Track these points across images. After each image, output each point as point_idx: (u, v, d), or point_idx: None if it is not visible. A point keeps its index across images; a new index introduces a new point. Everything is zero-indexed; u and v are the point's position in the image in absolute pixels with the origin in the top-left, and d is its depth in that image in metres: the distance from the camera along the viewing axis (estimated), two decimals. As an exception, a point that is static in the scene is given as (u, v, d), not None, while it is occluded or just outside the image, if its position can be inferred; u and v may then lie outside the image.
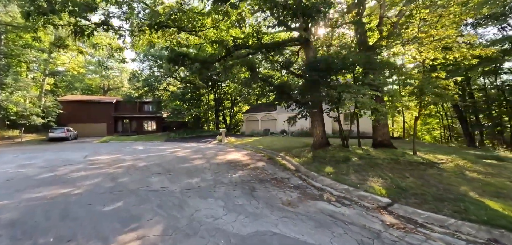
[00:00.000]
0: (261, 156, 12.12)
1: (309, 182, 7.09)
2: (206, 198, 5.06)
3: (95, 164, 9.46)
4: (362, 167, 8.26)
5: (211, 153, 13.22)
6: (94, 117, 34.98)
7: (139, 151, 13.98)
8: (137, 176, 7.08)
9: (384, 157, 9.82)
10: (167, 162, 9.91)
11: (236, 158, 11.40)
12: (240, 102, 46.59)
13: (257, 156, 12.08)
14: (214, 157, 11.61)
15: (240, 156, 12.15)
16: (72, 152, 13.78)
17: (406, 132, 37.17)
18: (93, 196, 5.05)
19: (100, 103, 36.09)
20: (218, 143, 20.44)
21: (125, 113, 37.05)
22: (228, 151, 13.99)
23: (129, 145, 19.47)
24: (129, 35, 9.40)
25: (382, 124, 12.47)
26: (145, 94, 31.35)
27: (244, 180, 6.95)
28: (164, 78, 30.64)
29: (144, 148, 16.00)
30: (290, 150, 13.12)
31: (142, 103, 38.58)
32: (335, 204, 5.29)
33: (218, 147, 16.59)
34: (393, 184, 6.42)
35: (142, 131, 37.69)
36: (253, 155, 12.47)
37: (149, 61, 28.89)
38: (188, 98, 30.54)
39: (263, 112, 34.73)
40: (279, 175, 7.90)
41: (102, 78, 52.56)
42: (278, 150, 13.82)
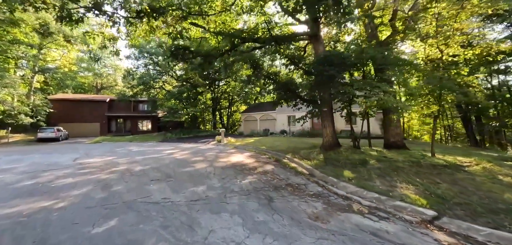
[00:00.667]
0: (266, 158, 11.27)
1: (329, 189, 6.28)
2: (218, 213, 4.19)
3: (85, 168, 8.47)
4: (384, 171, 7.49)
5: (212, 154, 12.32)
6: (87, 117, 33.61)
7: (134, 153, 12.99)
8: (133, 183, 6.15)
9: (402, 159, 9.08)
10: (166, 165, 8.98)
11: (241, 160, 10.53)
12: (237, 102, 45.68)
13: (263, 158, 11.22)
14: (216, 159, 10.71)
15: (244, 158, 11.28)
16: (61, 154, 12.71)
17: (405, 132, 36.84)
18: (80, 212, 4.13)
19: (93, 102, 34.72)
20: (217, 143, 19.52)
21: (119, 113, 35.75)
22: (230, 153, 13.10)
23: (123, 145, 18.41)
24: (125, 24, 8.41)
25: (394, 124, 11.75)
26: (140, 93, 30.17)
27: (257, 188, 6.09)
28: (160, 76, 29.46)
29: (139, 149, 14.99)
30: (297, 151, 12.32)
31: (137, 103, 37.32)
32: (370, 217, 4.48)
33: (218, 148, 15.68)
34: (428, 192, 5.66)
35: (136, 131, 36.44)
36: (257, 157, 11.62)
37: (144, 59, 27.69)
38: (185, 97, 29.46)
39: (262, 112, 33.91)
40: (294, 181, 7.06)
41: (95, 77, 50.96)
42: (283, 151, 13.01)
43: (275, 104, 13.67)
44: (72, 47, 30.50)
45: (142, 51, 25.47)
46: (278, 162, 10.25)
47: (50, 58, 30.55)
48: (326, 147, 11.13)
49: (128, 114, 36.35)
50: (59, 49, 30.92)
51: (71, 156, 11.71)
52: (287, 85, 12.48)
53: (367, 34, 12.84)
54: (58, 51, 31.38)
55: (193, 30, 10.30)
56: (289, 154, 11.91)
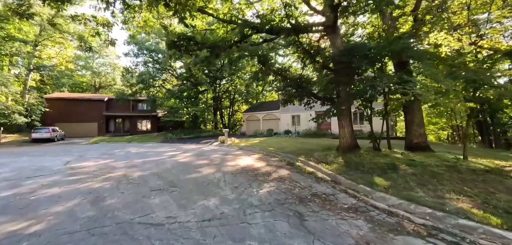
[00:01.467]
0: (278, 161, 10.26)
1: (365, 201, 5.26)
2: (242, 241, 3.16)
3: (76, 174, 7.43)
4: (421, 178, 6.48)
5: (218, 157, 11.30)
6: (84, 117, 32.55)
7: (133, 155, 11.95)
8: (130, 195, 5.12)
9: (434, 162, 8.09)
10: (168, 170, 7.95)
11: (250, 164, 9.50)
12: (239, 101, 44.67)
13: (274, 161, 10.21)
14: (223, 162, 9.68)
15: (253, 161, 10.26)
16: (53, 157, 11.68)
17: None
18: (56, 241, 3.09)
19: (91, 101, 33.65)
20: (220, 144, 18.50)
21: (118, 112, 34.68)
22: (236, 155, 12.08)
23: (121, 146, 17.37)
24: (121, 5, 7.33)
25: (417, 123, 10.75)
26: (139, 92, 29.07)
27: (279, 200, 5.07)
28: (160, 74, 28.32)
29: (138, 151, 13.95)
30: (309, 153, 11.32)
31: (136, 102, 36.26)
32: (437, 242, 3.47)
33: (223, 149, 14.65)
34: (488, 204, 4.66)
35: (136, 131, 35.39)
36: (267, 160, 10.60)
37: (144, 56, 26.59)
38: (185, 96, 28.40)
39: (265, 112, 32.90)
40: (318, 189, 6.04)
41: (93, 75, 49.90)
42: (293, 152, 12.02)
43: (285, 103, 12.69)
44: (69, 44, 29.40)
45: (141, 47, 24.34)
46: (292, 166, 9.23)
47: (46, 56, 29.43)
48: (344, 148, 10.11)
49: (127, 114, 35.29)
50: (56, 47, 29.80)
51: (63, 159, 10.67)
52: (299, 81, 11.46)
53: (386, 25, 11.82)
54: (54, 49, 30.24)
55: (198, 18, 9.22)
56: (301, 156, 10.92)
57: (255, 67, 16.17)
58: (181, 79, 30.17)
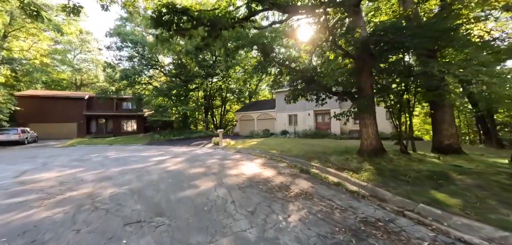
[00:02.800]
0: (288, 168, 8.54)
1: (443, 230, 3.65)
2: None
3: (23, 192, 5.41)
4: (491, 192, 4.93)
5: (215, 162, 9.44)
6: (62, 116, 29.71)
7: (111, 162, 9.90)
8: (88, 237, 3.21)
9: (486, 169, 6.60)
10: (153, 184, 6.03)
11: (257, 172, 7.71)
12: (231, 101, 42.72)
13: (283, 168, 8.48)
14: (223, 170, 7.84)
15: (259, 167, 8.49)
16: (8, 164, 9.45)
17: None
18: None
19: (70, 100, 30.76)
20: (214, 146, 16.60)
21: (100, 112, 31.98)
22: (236, 160, 10.26)
23: (100, 150, 15.14)
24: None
25: (448, 122, 9.31)
26: (123, 89, 26.59)
27: (322, 234, 3.34)
28: (147, 69, 25.86)
29: (119, 156, 11.86)
30: (321, 156, 9.73)
31: (121, 100, 33.65)
32: None
33: (218, 153, 12.78)
34: None
35: (120, 132, 32.77)
36: (275, 166, 8.85)
37: (128, 50, 24.09)
38: (174, 94, 26.22)
39: (260, 111, 31.18)
40: (365, 212, 4.34)
41: (74, 72, 46.49)
42: (301, 156, 10.40)
43: (293, 100, 10.93)
44: (44, 36, 26.58)
45: (124, 39, 21.90)
46: (308, 174, 7.53)
47: (18, 48, 26.39)
48: (368, 151, 8.49)
49: (110, 114, 32.62)
50: (29, 39, 26.84)
51: (20, 168, 8.49)
52: (311, 74, 9.77)
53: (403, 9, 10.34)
54: (28, 41, 27.24)
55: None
56: (313, 161, 9.27)
57: (254, 59, 14.40)
58: (170, 76, 27.96)
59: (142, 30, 24.09)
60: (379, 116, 23.36)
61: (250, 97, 42.97)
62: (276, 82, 12.52)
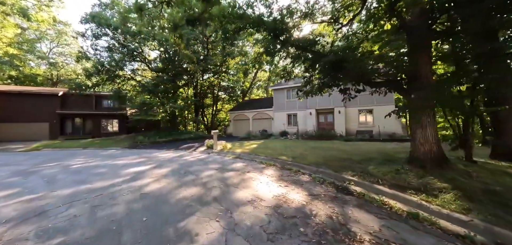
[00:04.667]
0: (316, 183, 6.21)
1: None
2: None
3: None
4: None
5: (212, 176, 6.91)
6: (31, 115, 26.04)
7: (67, 176, 7.16)
8: None
9: None
10: (113, 232, 3.45)
11: (278, 193, 5.25)
12: (222, 99, 39.97)
13: (309, 184, 6.13)
14: (228, 193, 5.31)
15: (276, 183, 6.06)
16: None
17: None
18: None
19: (40, 97, 27.01)
20: (208, 150, 14.00)
21: (77, 110, 28.44)
22: (240, 171, 7.75)
23: (66, 156, 12.24)
24: None
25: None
26: (102, 84, 23.32)
27: None
28: (129, 61, 22.53)
29: (84, 166, 9.08)
30: (354, 166, 7.45)
31: (101, 98, 30.22)
32: None
33: (215, 159, 10.21)
34: None
35: (100, 133, 29.36)
36: (296, 180, 6.46)
37: (107, 38, 20.90)
38: (161, 91, 23.30)
39: (255, 110, 28.74)
40: None
41: (50, 68, 42.35)
42: (324, 164, 8.19)
43: (320, 90, 8.55)
44: (8, 22, 23.03)
45: (100, 23, 18.65)
46: (354, 197, 5.18)
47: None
48: (426, 161, 6.19)
49: (88, 112, 29.12)
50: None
51: None
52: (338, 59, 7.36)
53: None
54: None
55: None
56: (346, 172, 7.01)
57: (258, 47, 11.91)
58: (156, 70, 24.99)
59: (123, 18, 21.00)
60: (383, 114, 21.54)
61: (243, 96, 40.43)
62: (286, 72, 10.10)
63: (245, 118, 29.48)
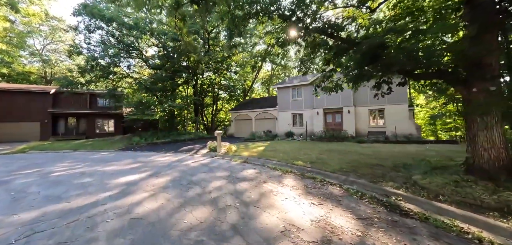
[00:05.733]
0: (353, 198, 4.98)
1: None
2: None
3: None
4: None
5: (222, 188, 5.59)
6: (21, 114, 24.54)
7: (42, 189, 5.80)
8: None
9: None
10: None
11: (317, 217, 3.94)
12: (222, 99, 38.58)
13: (345, 198, 4.93)
14: (248, 216, 3.98)
15: (306, 200, 4.79)
16: None
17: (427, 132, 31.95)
18: None
19: (31, 95, 25.48)
20: (210, 152, 12.67)
21: (70, 109, 26.97)
22: (254, 180, 6.43)
23: (52, 160, 10.87)
24: None
25: None
26: (96, 81, 21.81)
27: None
28: (124, 56, 20.97)
29: (69, 173, 7.72)
30: (390, 174, 6.20)
31: (95, 96, 28.76)
32: None
33: (220, 164, 8.87)
34: None
35: (94, 133, 27.92)
36: (328, 194, 5.21)
37: (101, 32, 19.26)
38: (159, 88, 21.90)
39: (258, 110, 27.41)
40: None
41: (44, 65, 40.75)
42: (352, 172, 7.04)
43: (356, 82, 7.23)
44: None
45: (93, 15, 17.08)
46: (419, 221, 3.86)
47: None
48: (492, 169, 4.89)
49: (82, 112, 27.65)
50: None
51: None
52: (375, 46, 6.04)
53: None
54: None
55: None
56: (384, 183, 5.76)
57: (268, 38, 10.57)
58: (154, 68, 23.56)
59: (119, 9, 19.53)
60: (397, 114, 20.31)
61: (245, 95, 39.10)
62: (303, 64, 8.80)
63: (247, 118, 28.15)
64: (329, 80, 8.94)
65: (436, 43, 5.54)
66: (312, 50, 7.88)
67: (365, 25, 6.69)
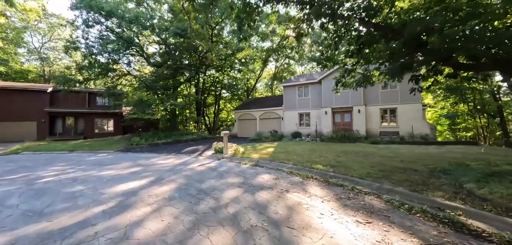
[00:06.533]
0: (416, 217, 3.92)
1: None
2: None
3: None
4: None
5: (239, 200, 4.67)
6: (18, 114, 23.61)
7: (26, 200, 4.91)
8: None
9: None
10: None
11: (373, 242, 2.96)
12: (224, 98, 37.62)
13: (400, 216, 3.94)
14: (286, 243, 3.03)
15: (341, 211, 3.90)
16: None
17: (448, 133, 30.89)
18: None
19: (27, 93, 24.53)
20: (216, 154, 11.73)
21: (68, 108, 26.05)
22: (274, 189, 5.51)
23: (45, 163, 9.95)
24: None
25: None
26: (95, 78, 20.83)
27: None
28: (124, 51, 19.81)
29: (60, 179, 6.79)
30: (434, 182, 5.39)
31: (94, 95, 27.87)
32: None
33: (230, 168, 7.94)
34: None
35: (93, 133, 26.96)
36: (366, 205, 4.37)
37: (100, 27, 18.27)
38: (161, 87, 20.97)
39: (263, 109, 26.45)
40: None
41: (42, 64, 39.85)
42: (386, 178, 6.17)
43: (400, 72, 6.25)
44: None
45: (91, 7, 16.01)
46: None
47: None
48: None
49: (81, 111, 26.72)
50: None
51: None
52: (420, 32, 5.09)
53: None
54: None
55: None
56: (431, 192, 4.89)
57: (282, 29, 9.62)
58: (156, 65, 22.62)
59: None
60: (410, 113, 19.35)
61: (248, 94, 38.16)
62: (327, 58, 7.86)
63: (251, 118, 27.19)
64: (351, 75, 8.00)
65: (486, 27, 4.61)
66: (336, 40, 6.94)
67: (404, 9, 5.74)
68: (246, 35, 10.70)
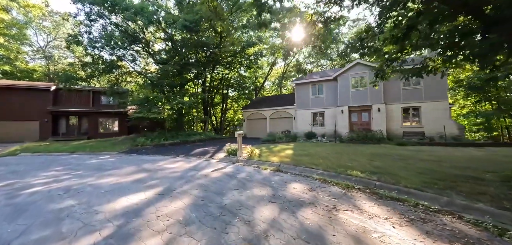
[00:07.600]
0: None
1: None
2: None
3: None
4: None
5: (279, 225, 3.45)
6: (20, 113, 22.85)
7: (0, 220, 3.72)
8: None
9: None
10: None
11: None
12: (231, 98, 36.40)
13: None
14: None
15: (426, 241, 2.53)
16: None
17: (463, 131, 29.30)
18: None
19: (29, 92, 23.70)
20: (229, 156, 10.54)
21: (71, 108, 25.22)
22: (316, 205, 4.29)
23: (40, 166, 8.91)
24: None
25: None
26: (98, 75, 19.81)
27: None
28: (128, 44, 18.55)
29: (51, 188, 5.69)
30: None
31: (99, 93, 27.01)
32: None
33: (249, 174, 6.74)
34: None
35: (97, 133, 26.05)
36: (453, 233, 2.94)
37: (104, 21, 17.18)
38: (167, 84, 19.87)
39: (273, 108, 25.18)
40: None
41: (47, 63, 39.26)
42: (447, 188, 4.79)
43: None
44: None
45: (95, 1, 15.03)
46: None
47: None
48: None
49: (85, 110, 25.86)
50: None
51: None
52: None
53: None
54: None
55: None
56: None
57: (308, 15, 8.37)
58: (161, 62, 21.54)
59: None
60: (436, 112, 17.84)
61: (256, 94, 36.94)
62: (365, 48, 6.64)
63: (261, 117, 25.96)
64: (394, 64, 6.72)
65: None
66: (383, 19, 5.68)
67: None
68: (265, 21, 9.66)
